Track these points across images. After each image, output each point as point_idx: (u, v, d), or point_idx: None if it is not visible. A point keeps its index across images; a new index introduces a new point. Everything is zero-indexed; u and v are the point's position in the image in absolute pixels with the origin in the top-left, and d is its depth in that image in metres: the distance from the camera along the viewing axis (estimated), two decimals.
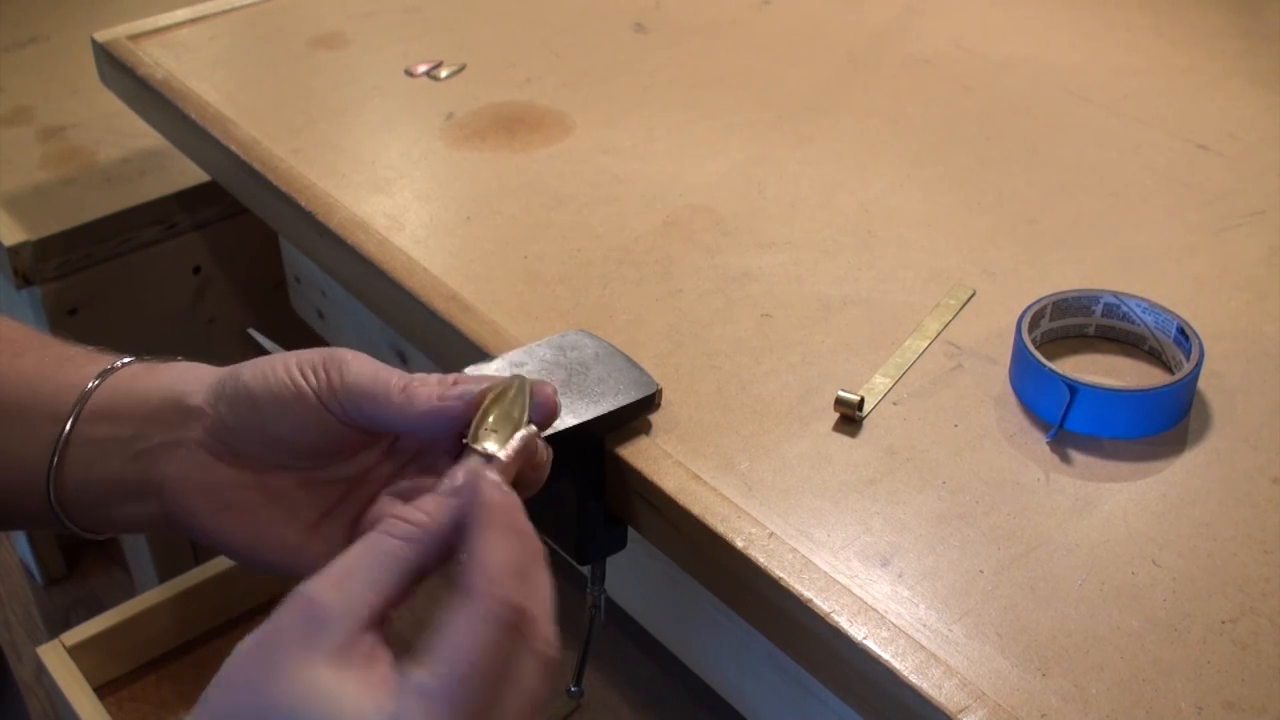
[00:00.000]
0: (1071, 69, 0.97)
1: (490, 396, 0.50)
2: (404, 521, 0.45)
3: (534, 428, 0.51)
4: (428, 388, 0.51)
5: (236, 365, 0.54)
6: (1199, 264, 0.76)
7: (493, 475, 0.47)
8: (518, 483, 0.51)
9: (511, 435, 0.50)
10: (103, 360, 0.58)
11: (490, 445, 0.49)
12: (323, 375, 0.52)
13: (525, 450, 0.50)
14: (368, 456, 0.56)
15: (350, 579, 0.43)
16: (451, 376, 0.53)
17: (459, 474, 0.47)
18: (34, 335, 0.59)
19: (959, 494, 0.61)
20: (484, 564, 0.43)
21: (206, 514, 0.54)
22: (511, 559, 0.43)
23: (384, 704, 0.40)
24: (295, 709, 0.40)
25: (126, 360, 0.57)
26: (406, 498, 0.54)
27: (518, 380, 0.51)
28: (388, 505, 0.54)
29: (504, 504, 0.45)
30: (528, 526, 0.46)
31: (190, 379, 0.55)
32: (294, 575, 0.55)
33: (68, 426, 0.55)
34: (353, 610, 0.42)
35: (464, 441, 0.50)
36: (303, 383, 0.52)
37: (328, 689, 0.40)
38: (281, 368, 0.52)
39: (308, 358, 0.53)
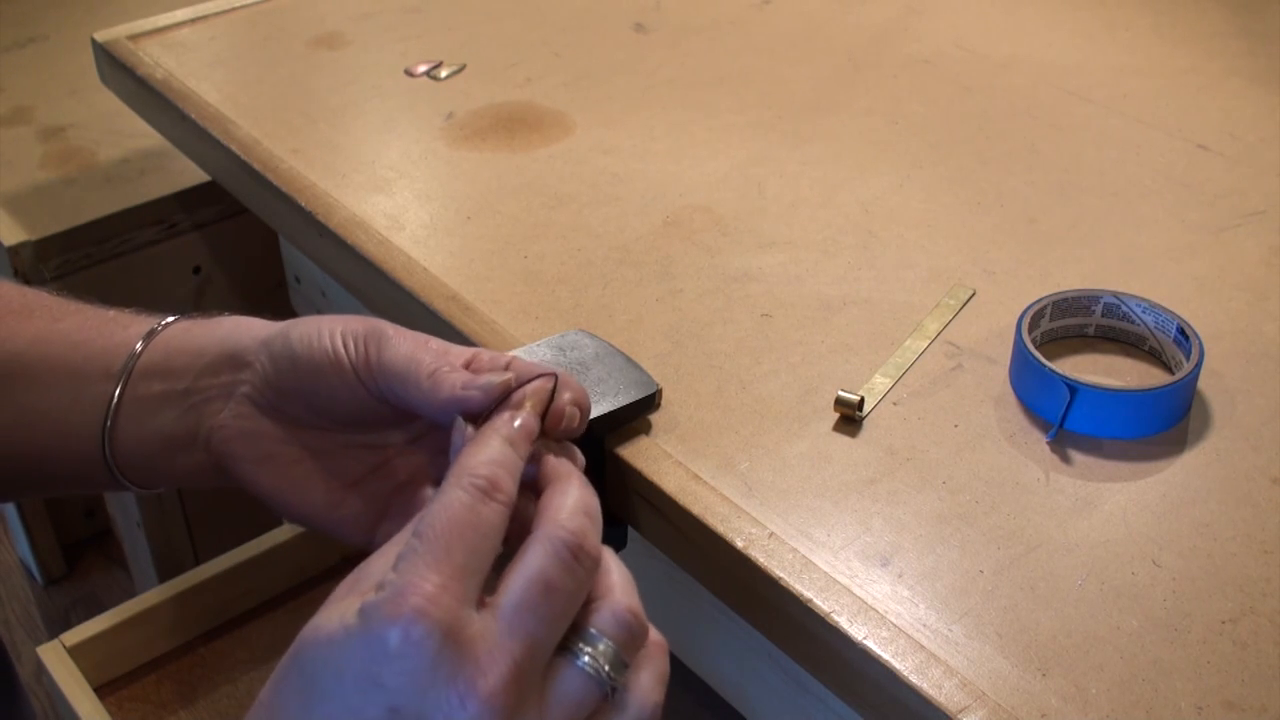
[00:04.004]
0: (1071, 69, 0.97)
1: (511, 390, 0.50)
2: None
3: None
4: (455, 375, 0.51)
5: (288, 323, 0.56)
6: (1199, 264, 0.76)
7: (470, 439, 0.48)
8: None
9: None
10: (146, 320, 0.59)
11: None
12: (362, 349, 0.53)
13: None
14: (413, 427, 0.56)
15: (394, 545, 0.44)
16: (488, 356, 0.54)
17: (457, 438, 0.48)
18: (68, 301, 0.61)
19: (959, 494, 0.61)
20: (458, 459, 0.45)
21: (245, 461, 0.55)
22: (483, 453, 0.45)
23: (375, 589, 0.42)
24: (318, 635, 0.41)
25: (169, 320, 0.58)
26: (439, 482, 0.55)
27: (543, 378, 0.51)
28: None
29: (499, 420, 0.47)
30: (521, 439, 0.47)
31: (244, 331, 0.56)
32: (325, 532, 0.56)
33: (121, 385, 0.56)
34: (386, 567, 0.43)
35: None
36: (342, 353, 0.53)
37: (342, 608, 0.42)
38: (327, 334, 0.53)
39: (353, 328, 0.53)
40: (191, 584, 1.00)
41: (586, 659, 0.43)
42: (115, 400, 0.56)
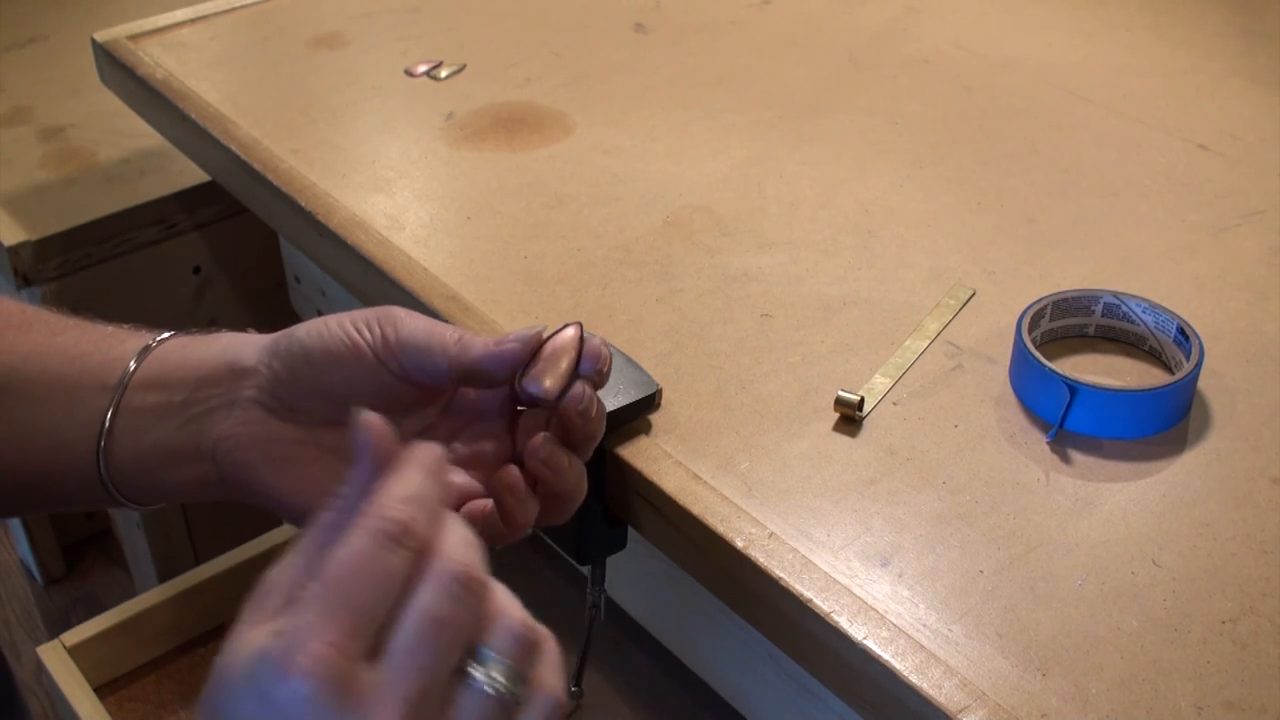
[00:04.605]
0: (1071, 69, 0.97)
1: (543, 341, 0.52)
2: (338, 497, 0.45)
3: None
4: (481, 337, 0.52)
5: (290, 327, 0.55)
6: (1199, 264, 0.76)
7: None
8: (572, 435, 0.53)
9: (560, 379, 0.51)
10: (145, 334, 0.59)
11: (535, 387, 0.52)
12: (377, 330, 0.53)
13: (573, 397, 0.52)
14: (423, 416, 0.56)
15: (290, 554, 0.44)
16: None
17: (360, 435, 0.46)
18: (66, 317, 0.61)
19: (959, 494, 0.61)
20: (375, 493, 0.43)
21: (259, 467, 0.54)
22: (402, 487, 0.43)
23: (274, 626, 0.41)
24: (226, 667, 0.41)
25: (165, 336, 0.58)
26: (464, 464, 0.55)
27: (571, 328, 0.53)
28: None
29: (420, 450, 0.45)
30: (441, 470, 0.45)
31: (243, 343, 0.56)
32: None
33: (117, 397, 0.55)
34: (290, 579, 0.42)
35: (516, 383, 0.52)
36: (358, 337, 0.53)
37: (248, 639, 0.41)
38: (336, 324, 0.54)
39: (362, 315, 0.54)
40: (191, 584, 1.00)
41: (484, 680, 0.42)
42: (110, 413, 0.55)
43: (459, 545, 0.43)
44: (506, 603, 0.44)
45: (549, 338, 0.53)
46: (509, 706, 0.42)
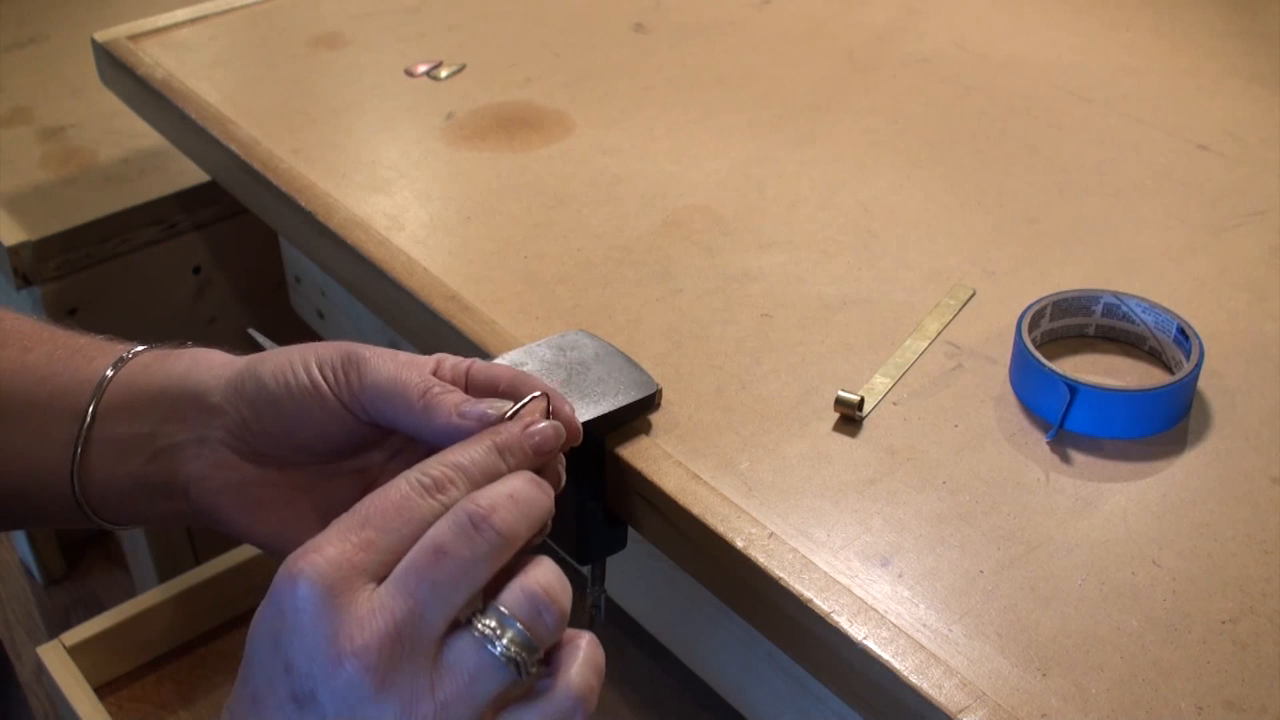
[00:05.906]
0: (1071, 69, 0.97)
1: (504, 418, 0.50)
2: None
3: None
4: (449, 397, 0.51)
5: (253, 359, 0.55)
6: (1199, 264, 0.76)
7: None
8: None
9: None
10: (112, 350, 0.58)
11: None
12: (342, 377, 0.52)
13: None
14: (392, 443, 0.56)
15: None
16: (451, 362, 0.54)
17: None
18: (40, 328, 0.59)
19: (959, 494, 0.61)
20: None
21: (233, 511, 0.54)
22: (455, 455, 0.46)
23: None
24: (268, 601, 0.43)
25: (137, 350, 0.57)
26: None
27: (538, 397, 0.51)
28: None
29: (494, 431, 0.49)
30: (511, 450, 0.48)
31: (204, 370, 0.55)
32: None
33: (85, 425, 0.55)
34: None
35: None
36: (323, 384, 0.52)
37: None
38: (301, 368, 0.52)
39: (327, 355, 0.53)
40: (191, 584, 1.00)
41: (480, 628, 0.42)
42: (81, 440, 0.55)
43: (494, 494, 0.45)
44: (540, 570, 0.44)
45: (514, 412, 0.50)
46: (510, 671, 0.42)
